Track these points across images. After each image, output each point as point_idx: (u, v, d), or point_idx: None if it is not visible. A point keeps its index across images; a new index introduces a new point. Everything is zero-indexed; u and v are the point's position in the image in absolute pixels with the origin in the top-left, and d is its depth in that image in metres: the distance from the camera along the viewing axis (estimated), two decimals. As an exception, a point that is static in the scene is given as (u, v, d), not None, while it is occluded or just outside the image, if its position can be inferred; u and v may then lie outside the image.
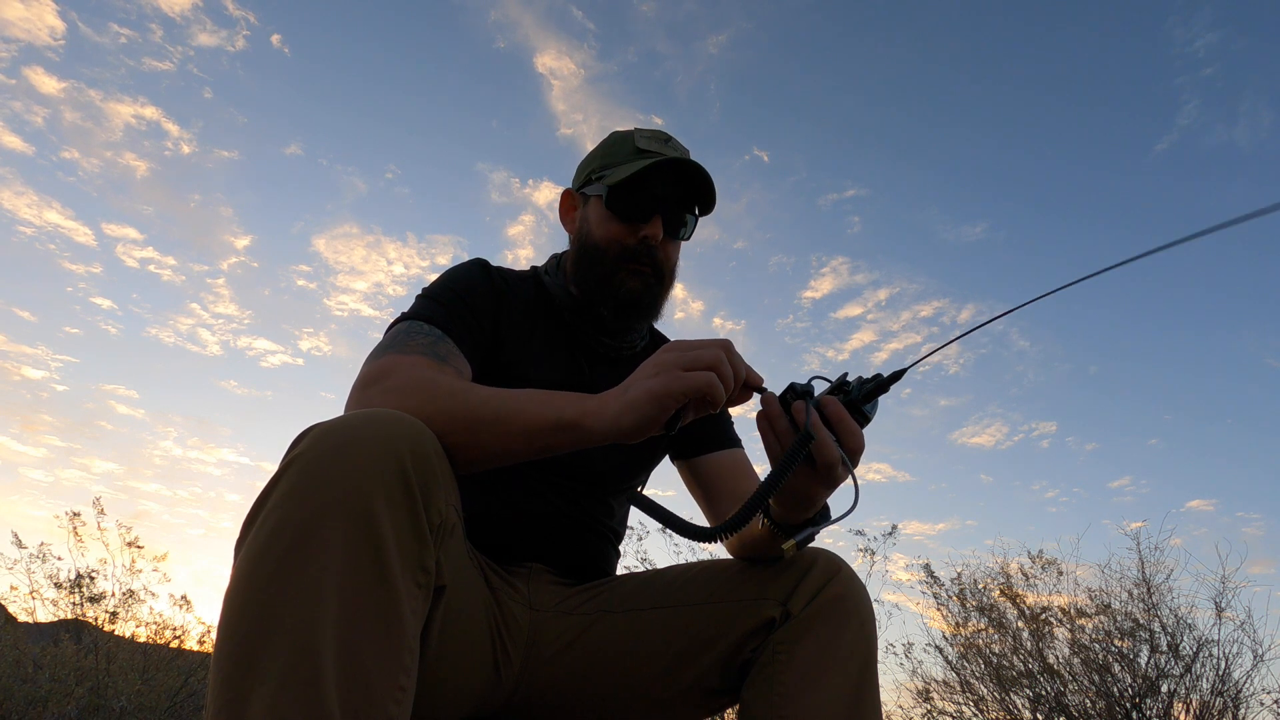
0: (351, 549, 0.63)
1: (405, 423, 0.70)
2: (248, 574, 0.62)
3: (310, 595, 0.60)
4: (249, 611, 0.60)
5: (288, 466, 0.66)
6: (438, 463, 0.71)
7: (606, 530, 1.16)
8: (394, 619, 0.64)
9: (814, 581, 0.91)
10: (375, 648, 0.63)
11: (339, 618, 0.61)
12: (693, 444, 1.23)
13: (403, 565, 0.66)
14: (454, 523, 0.76)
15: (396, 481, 0.66)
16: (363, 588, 0.63)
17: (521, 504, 1.07)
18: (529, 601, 1.00)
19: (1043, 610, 4.28)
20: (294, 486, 0.64)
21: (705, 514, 1.21)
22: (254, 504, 0.67)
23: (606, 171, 1.12)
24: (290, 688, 0.58)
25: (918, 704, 4.56)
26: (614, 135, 1.17)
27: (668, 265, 1.13)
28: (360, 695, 0.61)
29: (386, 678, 0.63)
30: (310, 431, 0.68)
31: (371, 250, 7.15)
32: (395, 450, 0.67)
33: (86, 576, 4.25)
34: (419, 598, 0.68)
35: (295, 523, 0.63)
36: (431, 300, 1.05)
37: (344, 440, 0.66)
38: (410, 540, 0.67)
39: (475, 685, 0.91)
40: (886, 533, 4.45)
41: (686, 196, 1.13)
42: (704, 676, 0.95)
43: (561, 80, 7.09)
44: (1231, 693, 3.68)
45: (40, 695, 3.49)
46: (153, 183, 7.01)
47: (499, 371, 1.08)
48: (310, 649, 0.59)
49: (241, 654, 0.59)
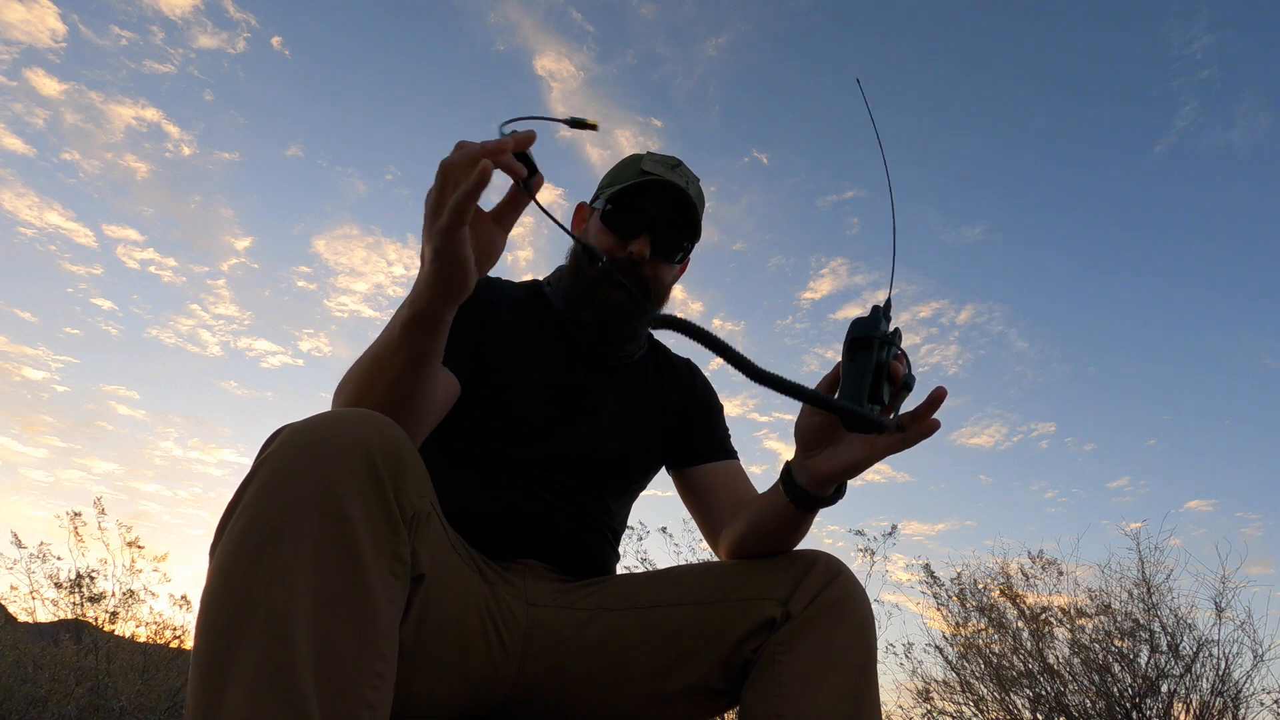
0: (323, 540, 0.64)
1: (371, 418, 0.72)
2: (221, 571, 0.63)
3: (283, 586, 0.62)
4: (223, 607, 0.62)
5: (259, 467, 0.68)
6: (407, 454, 0.73)
7: (604, 529, 1.16)
8: (368, 607, 0.65)
9: (814, 583, 0.91)
10: (350, 635, 0.64)
11: (312, 606, 0.62)
12: (688, 455, 1.24)
13: (376, 554, 0.67)
14: (428, 513, 0.77)
15: (365, 473, 0.68)
16: (335, 577, 0.64)
17: (517, 501, 1.07)
18: (526, 597, 1.01)
19: (1043, 610, 4.29)
20: (265, 485, 0.66)
21: (700, 526, 1.21)
22: (227, 506, 0.68)
23: (610, 188, 1.16)
24: (265, 676, 0.59)
25: (918, 704, 4.56)
26: (630, 157, 1.21)
27: (655, 284, 1.16)
28: (336, 682, 0.62)
29: (362, 664, 0.64)
30: (280, 432, 0.70)
31: (372, 251, 7.15)
32: (363, 444, 0.68)
33: (86, 576, 4.26)
34: (395, 586, 0.69)
35: (267, 519, 0.64)
36: None
37: (313, 438, 0.68)
38: (383, 530, 0.68)
39: (472, 678, 0.92)
40: (886, 533, 4.45)
41: (677, 222, 1.16)
42: (704, 676, 0.95)
43: (561, 82, 7.09)
44: (1231, 693, 3.68)
45: (40, 695, 3.49)
46: (153, 184, 7.01)
47: (487, 375, 1.09)
48: (284, 638, 0.60)
49: (217, 647, 0.60)
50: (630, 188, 1.13)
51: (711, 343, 0.74)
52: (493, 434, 1.08)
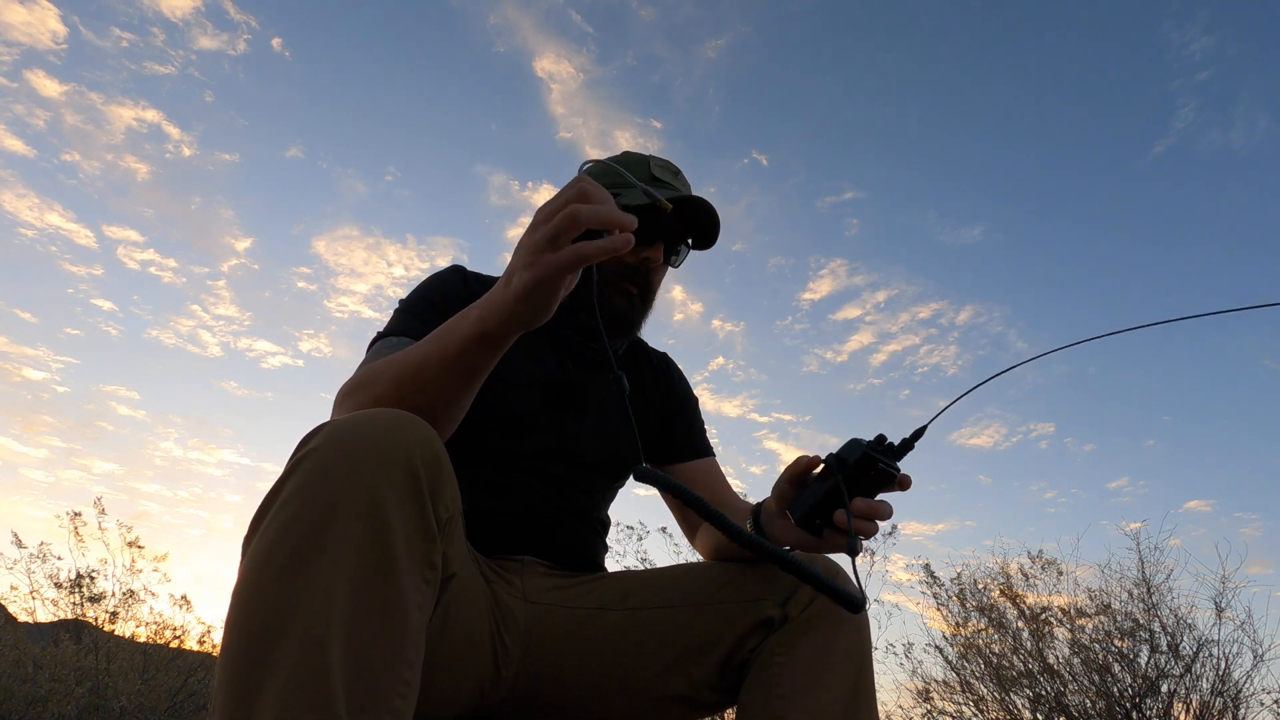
0: (361, 545, 0.63)
1: (410, 420, 0.71)
2: (258, 569, 0.62)
3: (320, 590, 0.61)
4: (260, 605, 0.61)
5: (299, 463, 0.67)
6: (444, 460, 0.72)
7: (594, 520, 1.17)
8: (400, 615, 0.65)
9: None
10: (381, 642, 0.63)
11: (348, 613, 0.62)
12: (663, 454, 1.25)
13: (410, 562, 0.67)
14: (456, 516, 0.77)
15: (405, 479, 0.67)
16: (371, 583, 0.63)
17: (513, 497, 1.07)
18: (524, 594, 1.01)
19: (1043, 610, 4.29)
20: (304, 483, 0.65)
21: (679, 523, 1.22)
22: (264, 500, 0.67)
23: (620, 190, 1.14)
24: (300, 679, 0.58)
25: (918, 704, 4.56)
26: (628, 156, 1.20)
27: (654, 289, 1.18)
28: (366, 688, 0.62)
29: (391, 671, 0.64)
30: (322, 429, 0.69)
31: (371, 252, 7.16)
32: (405, 449, 0.68)
33: (86, 576, 4.26)
34: (425, 593, 0.69)
35: (306, 519, 0.63)
36: (405, 313, 1.08)
37: (355, 438, 0.67)
38: (418, 537, 0.68)
39: (476, 679, 0.92)
40: (886, 533, 4.45)
41: (687, 232, 1.17)
42: (703, 677, 0.95)
43: (560, 84, 7.10)
44: (1231, 693, 3.68)
45: (40, 695, 3.50)
46: (154, 185, 7.02)
47: None
48: (320, 643, 0.60)
49: (252, 647, 0.60)
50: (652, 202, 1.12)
51: (696, 505, 0.80)
52: (485, 429, 1.08)
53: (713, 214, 1.14)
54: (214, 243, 7.46)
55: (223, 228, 7.40)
